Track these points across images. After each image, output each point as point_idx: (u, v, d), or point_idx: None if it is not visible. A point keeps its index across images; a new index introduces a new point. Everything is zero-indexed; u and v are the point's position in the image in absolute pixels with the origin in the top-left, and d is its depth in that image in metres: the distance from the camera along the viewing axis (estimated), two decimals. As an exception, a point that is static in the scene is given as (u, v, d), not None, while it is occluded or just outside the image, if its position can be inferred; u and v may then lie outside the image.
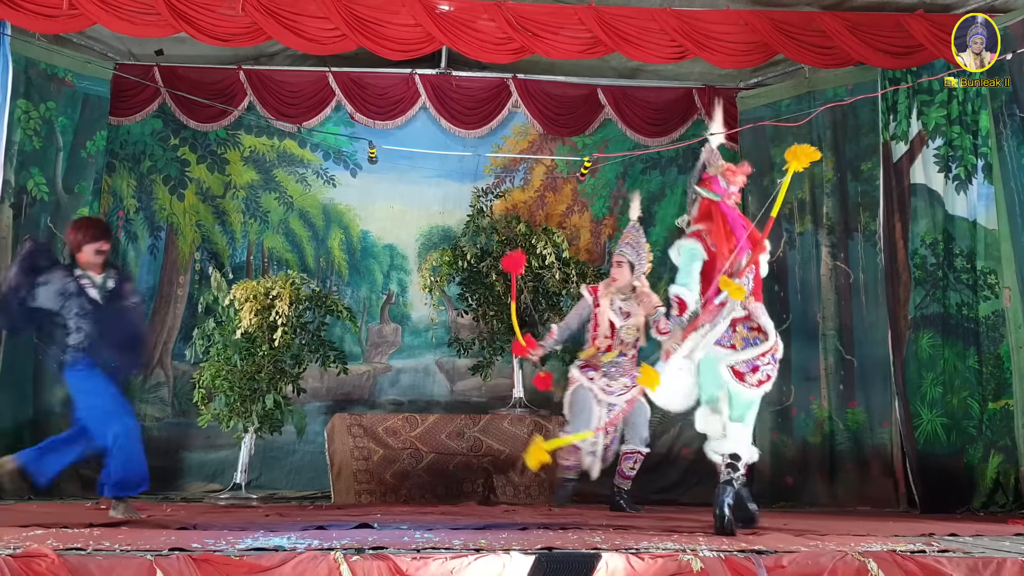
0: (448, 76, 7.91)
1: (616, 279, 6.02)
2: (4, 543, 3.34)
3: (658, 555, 3.31)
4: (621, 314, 5.99)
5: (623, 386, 5.91)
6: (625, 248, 6.04)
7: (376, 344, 7.96)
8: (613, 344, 5.98)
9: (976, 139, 6.35)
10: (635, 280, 6.00)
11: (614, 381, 5.95)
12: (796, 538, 4.06)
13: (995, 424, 6.10)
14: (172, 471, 7.37)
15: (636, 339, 6.03)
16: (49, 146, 7.04)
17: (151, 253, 7.71)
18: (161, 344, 7.62)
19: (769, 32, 6.30)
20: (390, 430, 6.88)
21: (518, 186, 8.14)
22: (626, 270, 5.99)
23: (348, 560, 3.12)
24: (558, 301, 7.40)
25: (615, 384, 5.93)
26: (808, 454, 7.08)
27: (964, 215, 6.38)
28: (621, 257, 6.02)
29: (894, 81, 6.72)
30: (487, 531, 4.13)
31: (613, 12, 6.29)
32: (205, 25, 6.04)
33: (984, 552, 3.56)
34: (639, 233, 6.09)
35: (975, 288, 6.28)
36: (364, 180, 8.04)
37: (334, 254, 8.00)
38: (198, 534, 3.88)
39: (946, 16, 6.25)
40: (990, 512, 5.80)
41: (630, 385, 5.87)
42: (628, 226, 6.15)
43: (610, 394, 5.92)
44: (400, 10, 6.21)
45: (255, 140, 7.96)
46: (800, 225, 7.36)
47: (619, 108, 7.95)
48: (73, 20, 5.99)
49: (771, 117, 7.39)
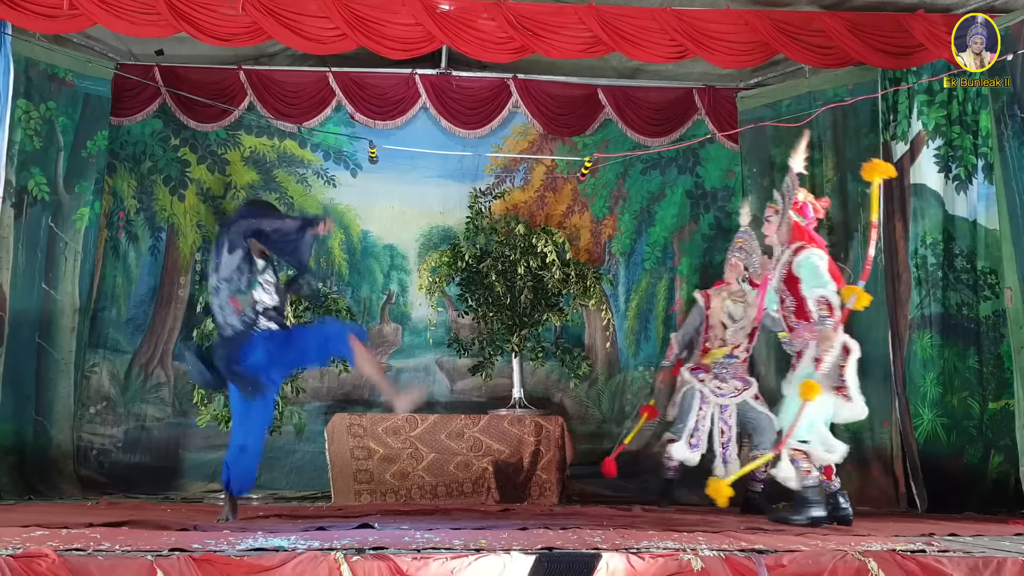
0: (448, 76, 7.90)
1: (729, 282, 6.24)
2: (4, 543, 3.34)
3: (658, 554, 3.31)
4: (732, 316, 6.17)
5: (734, 388, 6.04)
6: (738, 251, 6.23)
7: (376, 344, 7.95)
8: (726, 346, 6.13)
9: (976, 139, 6.35)
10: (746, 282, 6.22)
11: (725, 383, 6.08)
12: (796, 538, 4.07)
13: (995, 424, 6.10)
14: (172, 471, 7.37)
15: (748, 341, 6.15)
16: (50, 146, 7.04)
17: (152, 254, 7.70)
18: (162, 344, 7.62)
19: (769, 32, 6.30)
20: (390, 430, 6.88)
21: (518, 186, 8.14)
22: (740, 273, 6.22)
23: (348, 560, 3.13)
24: (558, 301, 7.40)
25: (726, 386, 6.07)
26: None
27: (964, 215, 6.38)
28: (735, 260, 6.21)
29: (894, 81, 6.72)
30: (487, 531, 4.13)
31: (613, 12, 6.29)
32: (205, 25, 6.04)
33: (984, 552, 3.57)
34: (751, 237, 6.26)
35: (975, 288, 6.28)
36: (364, 180, 8.04)
37: (334, 254, 8.00)
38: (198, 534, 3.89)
39: (946, 16, 6.25)
40: (990, 512, 5.80)
41: (741, 387, 6.04)
42: (739, 231, 6.33)
43: (721, 396, 6.05)
44: (400, 9, 6.21)
45: (255, 140, 7.96)
46: (800, 225, 7.36)
47: (619, 108, 7.95)
48: (73, 20, 5.99)
49: (771, 117, 7.39)
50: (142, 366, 7.54)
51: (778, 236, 5.14)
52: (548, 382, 7.80)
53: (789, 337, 5.10)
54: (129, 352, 7.53)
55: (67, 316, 7.11)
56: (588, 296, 7.37)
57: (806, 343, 4.97)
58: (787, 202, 5.11)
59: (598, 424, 7.86)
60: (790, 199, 5.10)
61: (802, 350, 5.01)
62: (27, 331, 6.84)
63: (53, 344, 7.01)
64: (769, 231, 5.20)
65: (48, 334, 6.99)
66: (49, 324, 7.00)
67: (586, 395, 7.92)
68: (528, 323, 7.36)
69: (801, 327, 5.03)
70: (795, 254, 5.01)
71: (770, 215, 5.20)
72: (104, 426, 7.37)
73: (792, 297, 5.03)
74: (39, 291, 6.96)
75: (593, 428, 7.83)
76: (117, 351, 7.50)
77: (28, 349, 6.84)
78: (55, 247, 7.08)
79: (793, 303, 5.03)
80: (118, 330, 7.52)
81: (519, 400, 7.32)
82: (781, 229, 5.12)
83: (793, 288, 5.02)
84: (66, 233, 7.13)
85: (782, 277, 5.06)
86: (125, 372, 7.49)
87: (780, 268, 5.08)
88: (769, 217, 5.20)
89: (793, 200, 5.09)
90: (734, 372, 6.11)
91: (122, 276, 7.60)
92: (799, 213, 5.07)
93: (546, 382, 7.77)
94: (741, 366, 6.14)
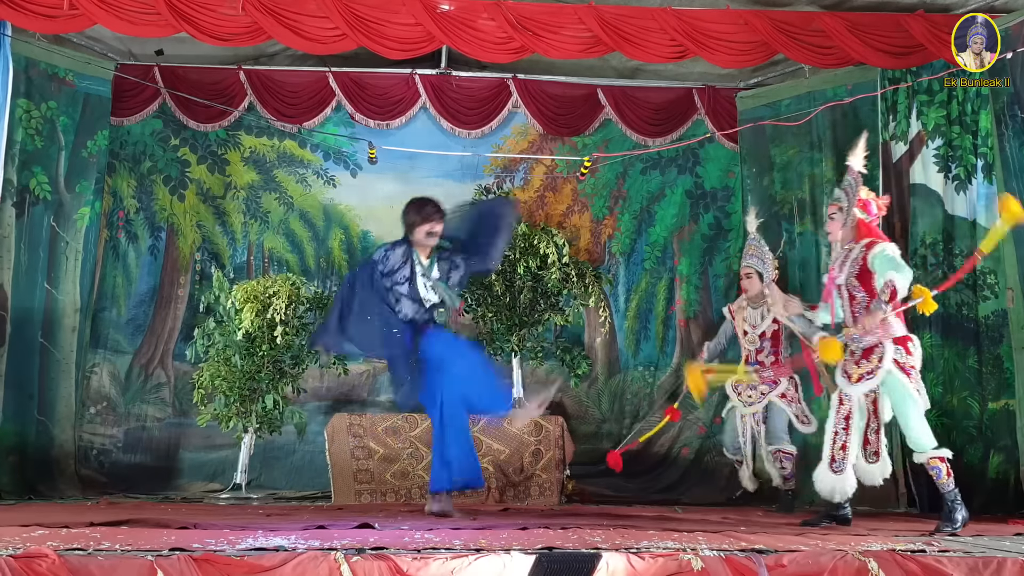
0: (448, 76, 7.91)
1: (747, 290, 6.40)
2: (5, 543, 3.34)
3: (658, 554, 3.31)
4: (750, 324, 6.37)
5: (761, 393, 6.23)
6: (751, 259, 6.38)
7: (376, 344, 7.95)
8: (750, 353, 6.34)
9: (976, 139, 6.35)
10: (765, 288, 6.32)
11: (754, 389, 6.28)
12: (796, 537, 4.07)
13: (995, 424, 6.10)
14: (172, 471, 7.38)
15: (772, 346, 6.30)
16: (51, 145, 7.05)
17: (151, 254, 7.71)
18: (162, 345, 7.63)
19: (769, 32, 6.30)
20: (390, 430, 6.88)
21: (518, 186, 8.14)
22: (755, 280, 6.35)
23: (349, 560, 3.12)
24: (558, 301, 7.40)
25: (755, 392, 6.27)
26: (808, 454, 7.06)
27: (964, 215, 6.38)
28: (749, 269, 6.38)
29: (894, 81, 6.72)
30: (487, 531, 4.13)
31: (613, 11, 6.29)
32: (205, 25, 6.04)
33: (984, 552, 3.57)
34: (761, 244, 6.43)
35: (975, 288, 6.28)
36: (364, 180, 8.04)
37: (334, 254, 8.00)
38: (198, 534, 3.88)
39: (946, 16, 6.25)
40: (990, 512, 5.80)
41: (768, 391, 6.22)
42: (749, 239, 6.49)
43: (751, 404, 6.28)
44: (400, 9, 6.21)
45: (255, 140, 7.96)
46: (800, 225, 7.36)
47: (619, 108, 7.95)
48: (73, 20, 5.99)
49: (771, 117, 7.39)
50: (142, 366, 7.55)
51: (843, 233, 5.16)
52: (548, 382, 7.79)
53: (858, 334, 5.06)
54: (129, 352, 7.54)
55: (68, 316, 7.11)
56: (588, 296, 7.37)
57: (879, 342, 4.95)
58: (851, 200, 5.13)
59: (598, 424, 7.86)
60: (854, 197, 5.13)
61: (872, 348, 4.96)
62: (29, 330, 6.85)
63: (55, 344, 7.02)
64: (833, 228, 5.19)
65: (50, 334, 7.00)
66: (51, 324, 7.01)
67: (586, 395, 7.92)
68: (528, 323, 7.36)
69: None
70: (868, 249, 4.99)
71: (833, 213, 5.20)
72: (104, 426, 7.38)
73: (864, 292, 5.01)
74: (41, 290, 6.97)
75: (593, 428, 7.84)
76: (117, 351, 7.51)
77: (30, 349, 6.85)
78: (57, 247, 7.09)
79: (865, 298, 5.00)
80: (118, 330, 7.53)
81: (519, 400, 7.32)
82: (846, 227, 5.15)
83: (866, 283, 5.00)
84: (67, 233, 7.14)
85: (853, 273, 5.03)
86: (125, 372, 7.50)
87: (850, 265, 5.04)
88: (833, 215, 5.20)
89: (857, 198, 5.12)
90: (762, 378, 6.28)
91: (122, 276, 7.61)
92: (863, 210, 5.09)
93: (546, 382, 7.76)
94: (771, 370, 6.26)
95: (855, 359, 5.04)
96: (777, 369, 6.24)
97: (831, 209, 5.24)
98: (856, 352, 5.05)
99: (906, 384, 4.85)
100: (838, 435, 5.05)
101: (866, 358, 4.99)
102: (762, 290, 6.31)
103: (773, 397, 6.19)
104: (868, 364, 4.97)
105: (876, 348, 4.95)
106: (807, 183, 7.34)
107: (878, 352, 4.93)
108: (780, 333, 6.30)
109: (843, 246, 5.14)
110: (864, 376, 4.98)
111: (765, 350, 6.29)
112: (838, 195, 5.26)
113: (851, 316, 5.09)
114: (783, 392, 6.21)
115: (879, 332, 4.92)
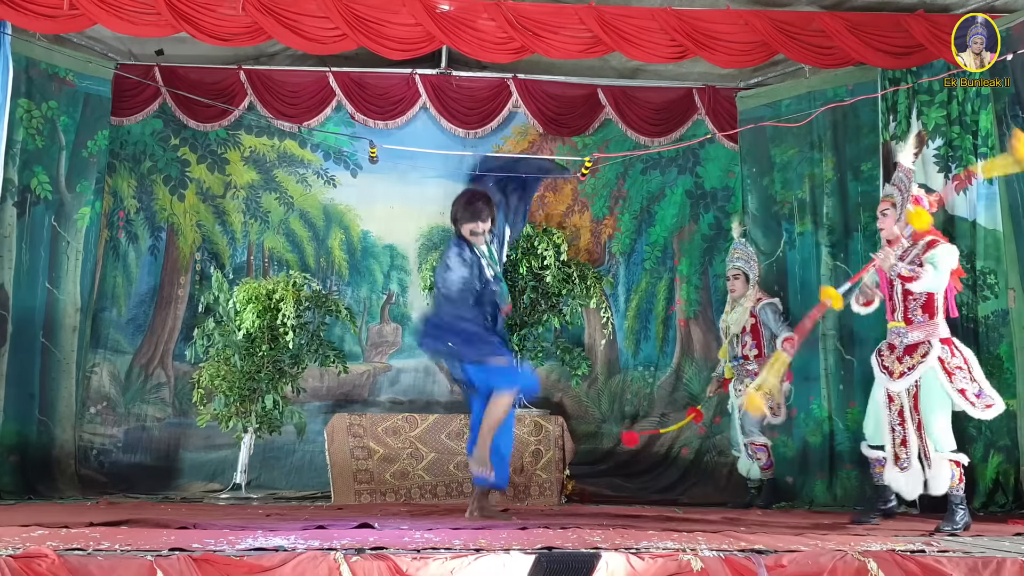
0: (448, 76, 7.91)
1: (734, 290, 6.82)
2: (4, 543, 3.35)
3: (658, 554, 3.31)
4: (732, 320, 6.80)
5: (745, 387, 6.39)
6: (738, 262, 6.82)
7: (376, 344, 7.96)
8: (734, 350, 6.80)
9: (976, 139, 6.34)
10: (750, 289, 6.78)
11: (742, 383, 6.59)
12: (796, 538, 4.07)
13: (995, 424, 6.08)
14: (172, 471, 7.38)
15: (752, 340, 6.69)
16: (52, 145, 7.05)
17: (152, 253, 7.71)
18: (162, 345, 7.63)
19: (769, 32, 6.29)
20: (390, 430, 6.88)
21: (518, 186, 8.13)
22: (741, 282, 6.80)
23: (348, 560, 3.13)
24: (558, 302, 7.40)
25: (742, 387, 6.54)
26: (808, 454, 7.08)
27: (964, 215, 6.38)
28: (737, 271, 6.79)
29: (894, 81, 6.72)
30: (487, 531, 4.13)
31: (613, 12, 6.29)
32: (206, 25, 6.04)
33: (984, 552, 3.57)
34: (747, 247, 6.92)
35: (975, 288, 6.27)
36: (364, 180, 8.04)
37: (334, 254, 8.00)
38: (198, 534, 3.89)
39: (946, 16, 6.25)
40: (990, 512, 5.80)
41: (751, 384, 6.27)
42: (735, 243, 6.91)
43: (739, 397, 6.58)
44: (400, 9, 6.21)
45: (255, 140, 7.96)
46: (800, 225, 7.36)
47: (619, 108, 7.95)
48: (73, 20, 5.98)
49: (771, 117, 7.38)
50: (142, 366, 7.55)
51: (898, 229, 5.18)
52: (548, 382, 7.80)
53: (906, 328, 5.08)
54: (129, 352, 7.54)
55: (69, 316, 7.11)
56: (588, 296, 7.36)
57: (925, 339, 5.01)
58: (905, 196, 5.16)
59: (598, 424, 7.86)
60: (908, 193, 5.16)
61: (916, 345, 5.03)
62: (31, 330, 6.85)
63: (56, 343, 7.02)
64: (886, 225, 5.23)
65: (51, 333, 7.00)
66: (52, 323, 7.01)
67: (586, 395, 7.92)
68: (528, 323, 7.36)
69: (924, 322, 5.05)
70: (930, 247, 5.04)
71: (886, 209, 5.24)
72: (105, 426, 7.38)
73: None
74: (43, 290, 6.97)
75: (593, 428, 7.83)
76: (118, 351, 7.51)
77: (32, 348, 6.85)
78: (58, 246, 7.09)
79: (923, 296, 5.05)
80: (118, 330, 7.53)
81: (519, 400, 7.31)
82: (900, 223, 5.18)
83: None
84: (68, 232, 7.14)
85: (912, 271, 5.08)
86: (125, 372, 7.50)
87: (910, 261, 5.08)
88: (885, 211, 5.24)
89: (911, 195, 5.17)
90: (747, 372, 6.63)
91: (122, 276, 7.61)
92: (916, 206, 5.13)
93: (546, 382, 7.76)
94: (755, 362, 6.59)
95: (897, 355, 5.08)
96: (761, 361, 6.39)
97: (883, 205, 5.29)
98: (899, 347, 5.10)
99: (944, 384, 4.91)
100: (895, 432, 5.08)
101: (909, 354, 5.03)
102: (747, 291, 6.74)
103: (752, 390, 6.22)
104: (911, 360, 5.00)
105: (921, 345, 5.02)
106: (807, 183, 7.34)
107: (922, 349, 5.00)
108: (759, 326, 6.64)
109: (905, 238, 5.14)
110: (905, 372, 5.03)
111: (747, 344, 6.67)
112: (890, 191, 5.33)
113: (903, 311, 5.11)
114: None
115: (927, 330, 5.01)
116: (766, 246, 7.51)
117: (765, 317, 6.68)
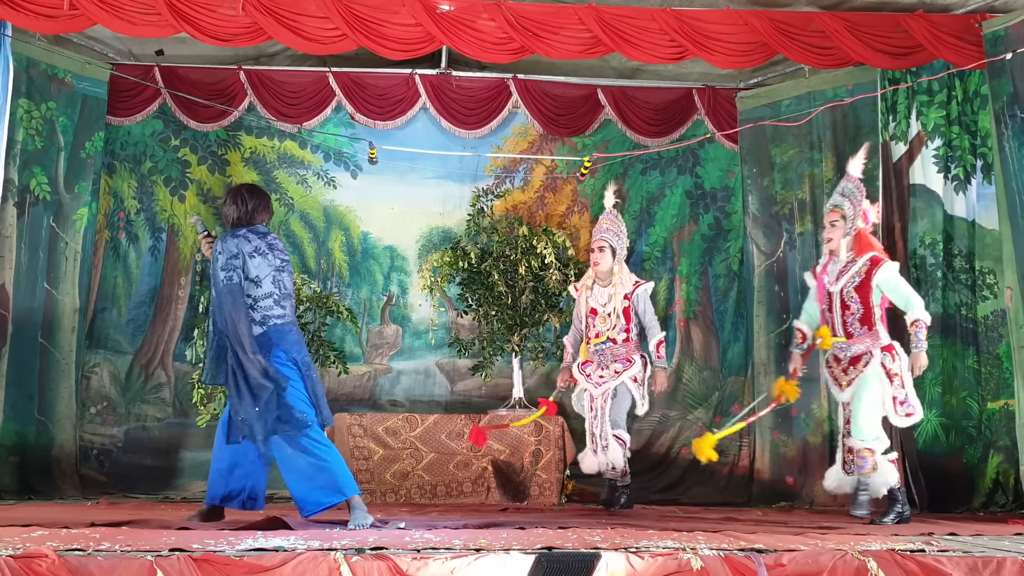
0: (448, 76, 7.91)
1: (597, 264, 6.09)
2: (4, 543, 3.34)
3: (658, 554, 3.32)
4: (599, 302, 6.09)
5: (613, 372, 5.97)
6: (606, 234, 6.11)
7: (376, 345, 7.96)
8: (600, 332, 6.05)
9: (975, 139, 6.36)
10: (616, 264, 6.10)
11: (604, 369, 6.00)
12: (796, 537, 4.07)
13: (994, 424, 6.11)
14: (172, 471, 7.38)
15: (625, 323, 6.03)
16: (51, 146, 7.05)
17: (152, 254, 7.71)
18: (162, 345, 7.63)
19: (769, 32, 6.30)
20: (390, 430, 6.88)
21: (518, 187, 8.14)
22: (608, 255, 6.08)
23: (348, 560, 3.13)
24: (558, 302, 7.40)
25: (606, 372, 5.99)
26: (808, 454, 7.08)
27: (963, 215, 6.39)
28: (603, 243, 6.09)
29: (894, 81, 6.72)
30: (487, 531, 4.13)
31: (613, 12, 6.29)
32: (205, 25, 6.04)
33: (984, 552, 3.57)
34: (617, 219, 6.23)
35: (974, 288, 6.29)
36: (364, 181, 8.04)
37: (335, 255, 8.00)
38: (198, 534, 3.89)
39: (946, 16, 6.25)
40: (990, 512, 5.81)
41: (622, 369, 5.96)
42: (604, 213, 6.26)
43: (599, 384, 5.98)
44: (400, 10, 6.21)
45: (256, 141, 7.96)
46: (800, 225, 7.36)
47: (619, 108, 7.95)
48: (73, 20, 5.98)
49: (771, 117, 7.39)
50: (142, 366, 7.55)
51: (846, 243, 5.22)
52: (548, 382, 7.80)
53: (847, 342, 5.21)
54: (130, 353, 7.54)
55: (68, 316, 7.11)
56: (588, 297, 7.35)
57: (868, 351, 5.13)
58: (856, 209, 5.19)
59: (598, 424, 7.84)
60: (858, 206, 5.18)
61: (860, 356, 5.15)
62: (30, 331, 6.84)
63: (55, 344, 7.02)
64: (834, 235, 5.27)
65: (50, 334, 6.99)
66: (51, 324, 7.00)
67: (586, 395, 7.90)
68: (528, 323, 7.36)
69: (864, 334, 5.17)
70: (874, 265, 5.15)
71: (835, 220, 5.26)
72: (105, 426, 7.38)
73: (860, 304, 5.18)
74: (42, 291, 6.96)
75: (593, 428, 7.82)
76: (118, 352, 7.51)
77: (31, 349, 6.84)
78: (56, 247, 7.09)
79: (860, 310, 5.19)
80: (119, 330, 7.53)
81: (519, 400, 7.32)
82: (848, 236, 5.21)
83: (864, 296, 5.18)
84: (66, 233, 7.14)
85: (853, 285, 5.19)
86: (126, 372, 7.50)
87: (850, 277, 5.20)
88: (835, 222, 5.26)
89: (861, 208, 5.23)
90: (615, 356, 6.01)
91: (122, 277, 7.61)
92: (864, 220, 5.22)
93: (546, 382, 7.76)
94: (623, 347, 6.01)
95: (843, 367, 5.20)
96: (630, 347, 6.01)
97: (832, 216, 5.29)
98: (843, 360, 5.23)
99: (884, 385, 5.06)
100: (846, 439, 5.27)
101: (853, 365, 5.15)
102: (612, 267, 6.09)
103: (626, 378, 5.94)
104: (855, 371, 5.13)
105: (864, 356, 5.16)
106: (807, 183, 7.34)
107: (866, 359, 5.15)
108: (630, 310, 6.03)
109: (845, 253, 5.20)
110: (852, 382, 5.18)
111: (617, 327, 6.03)
112: (839, 202, 5.31)
113: (842, 325, 5.22)
114: (635, 375, 5.97)
115: (868, 342, 5.13)
116: (766, 246, 7.51)
117: (642, 306, 6.06)
